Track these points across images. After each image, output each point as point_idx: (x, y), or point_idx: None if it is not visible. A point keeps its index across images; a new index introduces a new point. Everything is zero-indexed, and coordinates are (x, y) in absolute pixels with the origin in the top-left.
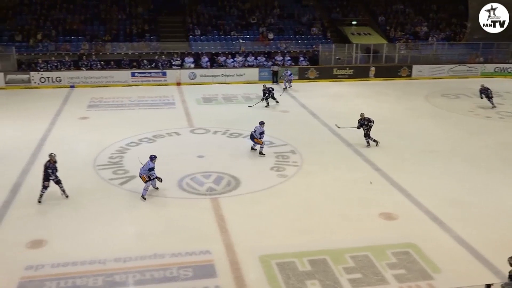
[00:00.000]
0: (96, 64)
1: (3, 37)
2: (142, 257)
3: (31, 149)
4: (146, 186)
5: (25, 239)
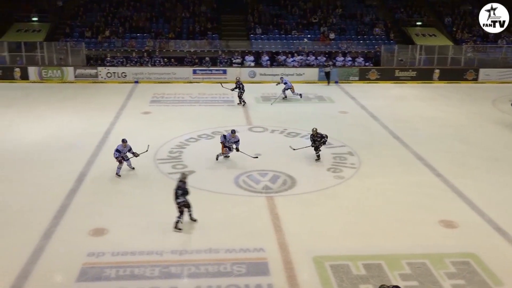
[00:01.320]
0: (159, 60)
1: (74, 33)
2: (197, 251)
3: (96, 141)
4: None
5: (88, 227)
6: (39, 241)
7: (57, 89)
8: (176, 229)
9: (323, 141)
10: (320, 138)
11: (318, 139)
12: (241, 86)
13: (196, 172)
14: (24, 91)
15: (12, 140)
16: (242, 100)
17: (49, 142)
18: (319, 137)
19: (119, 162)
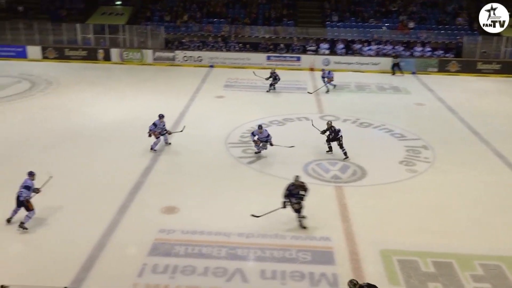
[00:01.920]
0: (234, 46)
1: (154, 17)
2: (263, 235)
3: (171, 122)
4: (157, 141)
5: (160, 205)
6: (115, 215)
7: (136, 71)
8: (302, 227)
9: (338, 137)
10: (334, 133)
11: (333, 133)
12: (277, 77)
13: (266, 158)
14: (106, 72)
15: (94, 117)
16: (273, 87)
17: (128, 121)
18: (333, 131)
19: (156, 138)
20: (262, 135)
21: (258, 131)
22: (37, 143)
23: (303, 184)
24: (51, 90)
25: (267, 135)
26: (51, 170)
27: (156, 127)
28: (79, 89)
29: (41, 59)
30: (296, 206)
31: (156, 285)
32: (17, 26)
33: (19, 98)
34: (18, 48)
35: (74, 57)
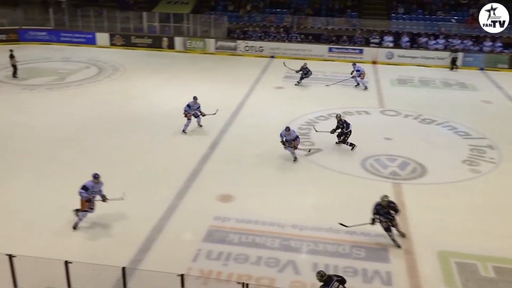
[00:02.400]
0: (296, 36)
1: (218, 6)
2: (318, 229)
3: (230, 111)
4: (187, 123)
5: (217, 192)
6: (173, 200)
7: (198, 60)
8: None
9: (346, 132)
10: (344, 126)
11: (341, 126)
12: (309, 72)
13: (323, 151)
14: (170, 60)
15: (157, 103)
16: (300, 82)
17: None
18: (341, 124)
19: (188, 119)
20: (290, 137)
21: (285, 132)
22: (102, 126)
23: (392, 205)
24: (117, 76)
25: (295, 137)
26: (114, 153)
27: (190, 109)
28: (144, 76)
29: (109, 45)
30: (384, 225)
31: (209, 271)
32: (87, 14)
33: (87, 82)
34: (88, 34)
35: (140, 45)
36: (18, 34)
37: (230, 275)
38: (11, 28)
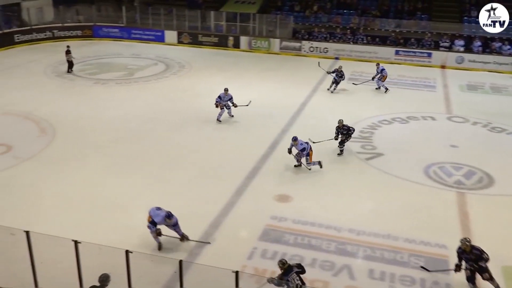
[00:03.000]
0: (362, 38)
1: (284, 6)
2: (375, 234)
3: (292, 112)
4: (221, 112)
5: (274, 192)
6: (231, 196)
7: (263, 59)
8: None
9: (349, 134)
10: (347, 131)
11: (344, 132)
12: (343, 75)
13: (384, 156)
14: (235, 59)
15: None
16: (334, 86)
17: (251, 107)
18: (345, 129)
19: (220, 109)
20: (297, 148)
21: (292, 142)
22: (166, 121)
23: (476, 251)
24: (183, 73)
25: (301, 149)
26: (176, 148)
27: (221, 100)
28: (209, 74)
29: (177, 43)
30: (468, 273)
31: (264, 269)
32: (158, 12)
33: (154, 79)
34: (157, 32)
35: (206, 43)
36: (93, 30)
37: None
38: (87, 24)
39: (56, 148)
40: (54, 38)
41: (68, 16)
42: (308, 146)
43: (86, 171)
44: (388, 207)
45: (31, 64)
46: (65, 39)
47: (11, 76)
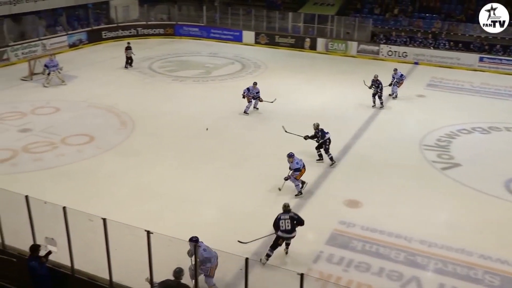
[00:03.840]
0: (444, 43)
1: (364, 9)
2: (448, 248)
3: (366, 116)
4: (248, 105)
5: (344, 197)
6: (300, 199)
7: (339, 62)
8: None
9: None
10: (321, 135)
11: (318, 135)
12: (378, 84)
13: (462, 166)
14: (311, 60)
15: (294, 103)
16: (379, 101)
17: (324, 110)
18: (318, 133)
19: (248, 101)
20: (292, 166)
21: (288, 159)
22: (241, 120)
23: None
24: (258, 73)
25: (295, 168)
26: (249, 146)
27: (250, 92)
28: (284, 75)
29: (254, 43)
30: None
31: (329, 274)
32: (237, 12)
33: (230, 78)
34: (235, 32)
35: (282, 44)
36: (174, 29)
37: (350, 282)
38: (169, 23)
39: (134, 141)
40: (138, 35)
41: (152, 15)
42: (301, 164)
43: (161, 165)
44: (464, 220)
45: (115, 60)
46: (148, 37)
47: (96, 70)
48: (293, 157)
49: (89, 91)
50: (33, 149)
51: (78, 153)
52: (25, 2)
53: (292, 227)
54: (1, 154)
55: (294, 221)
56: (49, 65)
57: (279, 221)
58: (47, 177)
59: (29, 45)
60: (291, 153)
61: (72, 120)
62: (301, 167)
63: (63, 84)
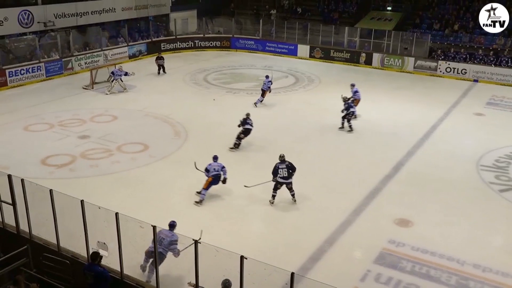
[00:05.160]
0: (507, 61)
1: (422, 24)
2: (504, 274)
3: (421, 133)
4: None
5: (394, 215)
6: (349, 215)
7: (394, 77)
8: None
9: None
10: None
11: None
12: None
13: None
14: (365, 75)
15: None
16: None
17: (378, 126)
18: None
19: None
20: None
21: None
22: (291, 133)
23: None
24: (312, 87)
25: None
26: (299, 158)
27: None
28: (337, 90)
29: (308, 57)
30: None
31: None
32: (293, 26)
33: (284, 91)
34: (290, 46)
35: (337, 58)
36: (230, 42)
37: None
38: (225, 36)
39: (186, 151)
40: (195, 47)
41: (210, 28)
42: (212, 172)
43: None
44: None
45: (172, 70)
46: (205, 49)
47: (154, 81)
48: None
49: (146, 101)
50: (90, 155)
51: (132, 161)
52: (90, 14)
53: (288, 174)
54: (61, 159)
55: (290, 170)
56: (116, 73)
57: (278, 169)
58: (102, 183)
59: (92, 55)
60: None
61: (128, 128)
62: (210, 174)
63: (125, 91)
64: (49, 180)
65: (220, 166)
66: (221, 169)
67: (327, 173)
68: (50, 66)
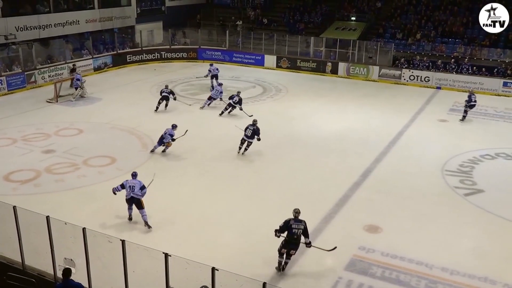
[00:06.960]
0: (467, 68)
1: (386, 34)
2: (470, 276)
3: (387, 141)
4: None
5: (364, 222)
6: (319, 223)
7: (360, 86)
8: None
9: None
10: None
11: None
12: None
13: (485, 192)
14: (332, 84)
15: (314, 126)
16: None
17: (345, 134)
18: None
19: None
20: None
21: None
22: (261, 143)
23: None
24: (279, 96)
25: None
26: (269, 169)
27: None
28: (305, 99)
29: (275, 67)
30: None
31: None
32: (259, 37)
33: (251, 101)
34: (257, 56)
35: (304, 68)
36: (197, 53)
37: None
38: (192, 47)
39: (155, 163)
40: (162, 59)
41: (176, 39)
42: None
43: (185, 187)
44: (487, 248)
45: (138, 82)
46: (171, 60)
47: (120, 93)
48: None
49: (112, 113)
50: (55, 170)
51: (99, 174)
52: (53, 27)
53: (252, 134)
54: (25, 174)
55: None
56: (81, 78)
57: (246, 130)
58: (69, 198)
59: (56, 68)
60: (133, 173)
61: (94, 141)
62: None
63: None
64: (12, 197)
65: (139, 185)
66: (139, 189)
67: (296, 182)
68: (12, 80)
